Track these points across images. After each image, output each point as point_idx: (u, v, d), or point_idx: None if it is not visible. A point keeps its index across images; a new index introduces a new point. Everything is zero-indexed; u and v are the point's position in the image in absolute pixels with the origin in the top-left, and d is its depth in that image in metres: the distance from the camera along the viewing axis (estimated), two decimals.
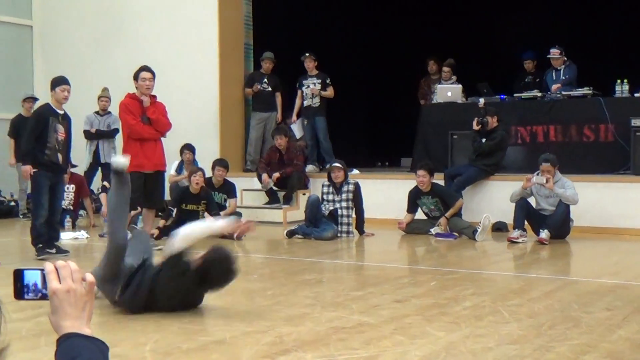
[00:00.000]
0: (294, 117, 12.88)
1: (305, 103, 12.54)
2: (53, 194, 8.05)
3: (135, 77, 8.64)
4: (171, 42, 13.11)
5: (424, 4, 15.33)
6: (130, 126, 8.55)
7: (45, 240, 7.97)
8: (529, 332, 4.59)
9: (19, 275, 1.39)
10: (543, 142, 11.05)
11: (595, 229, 9.75)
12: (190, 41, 13.01)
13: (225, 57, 12.91)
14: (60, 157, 8.04)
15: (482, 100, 11.04)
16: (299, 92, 12.64)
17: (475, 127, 10.56)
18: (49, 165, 7.93)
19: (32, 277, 1.39)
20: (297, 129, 12.86)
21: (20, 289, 1.39)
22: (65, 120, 8.17)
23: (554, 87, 11.38)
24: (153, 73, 8.63)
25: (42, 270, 1.38)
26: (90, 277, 1.42)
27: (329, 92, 12.37)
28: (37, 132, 7.96)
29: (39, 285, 1.39)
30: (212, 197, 10.25)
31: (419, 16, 15.32)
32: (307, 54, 12.47)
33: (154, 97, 8.74)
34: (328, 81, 12.37)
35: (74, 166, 11.63)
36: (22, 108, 12.46)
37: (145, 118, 8.57)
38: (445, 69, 12.91)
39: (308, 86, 12.44)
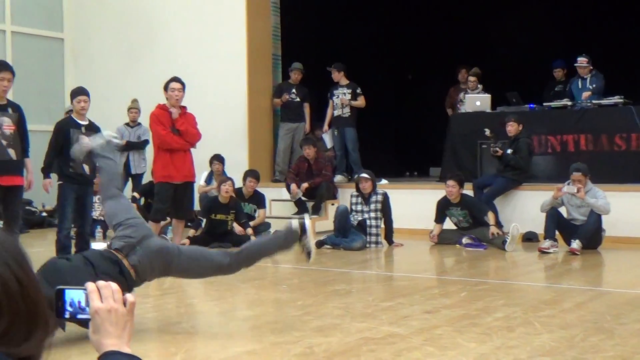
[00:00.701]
0: (325, 127, 12.88)
1: (336, 113, 12.54)
2: (81, 205, 8.05)
3: (165, 88, 8.70)
4: (200, 54, 13.19)
5: (452, 13, 15.30)
6: (160, 137, 8.61)
7: (69, 252, 7.99)
8: (561, 343, 4.54)
9: (59, 294, 1.41)
10: (574, 151, 10.95)
11: (627, 239, 9.64)
12: (219, 52, 13.08)
13: (253, 68, 12.96)
14: (86, 167, 8.04)
15: (487, 131, 11.01)
16: (330, 102, 12.65)
17: (494, 154, 10.53)
18: (74, 177, 7.91)
19: (73, 296, 1.41)
20: (328, 139, 12.87)
21: (61, 308, 1.41)
22: (91, 130, 8.06)
23: (585, 94, 11.28)
24: (183, 84, 8.69)
25: (84, 289, 1.40)
26: (131, 298, 1.44)
27: (360, 101, 12.34)
28: (57, 146, 7.96)
29: (82, 304, 1.40)
30: (240, 207, 10.29)
31: (447, 25, 15.29)
32: (333, 65, 12.48)
33: (184, 108, 8.79)
34: (358, 91, 12.35)
35: None
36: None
37: (175, 129, 8.63)
38: (471, 78, 12.86)
39: (338, 96, 12.44)
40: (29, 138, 7.80)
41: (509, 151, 10.50)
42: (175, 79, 8.70)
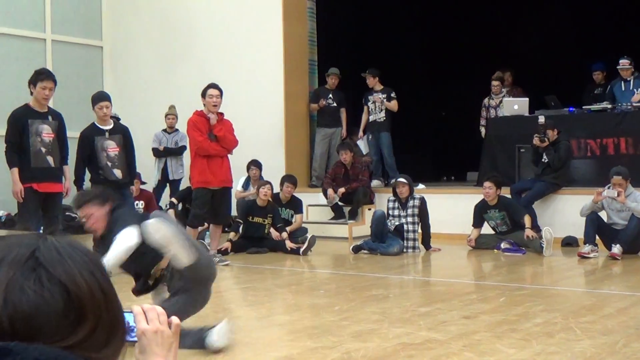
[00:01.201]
0: (360, 132, 12.88)
1: (371, 118, 12.54)
2: None
3: (203, 94, 8.74)
4: (237, 60, 13.26)
5: (489, 17, 15.21)
6: (197, 143, 8.66)
7: None
8: (602, 350, 4.48)
9: None
10: (614, 154, 10.81)
11: None
12: (255, 58, 13.14)
13: (289, 74, 13.00)
14: (118, 172, 8.06)
15: (542, 117, 10.86)
16: (365, 107, 12.64)
17: (540, 143, 10.36)
18: (106, 183, 7.90)
19: None
20: (362, 145, 12.87)
21: None
22: (117, 132, 8.15)
23: (635, 97, 11.11)
24: (220, 90, 8.73)
25: (130, 312, 1.44)
26: (176, 320, 1.48)
27: (392, 104, 12.33)
28: (83, 156, 8.03)
29: (130, 324, 1.44)
30: (278, 211, 10.32)
31: (484, 28, 15.20)
32: (367, 71, 12.48)
33: (222, 114, 8.83)
34: (393, 95, 12.36)
35: (143, 183, 11.85)
36: None
37: (212, 135, 8.67)
38: (495, 82, 12.76)
39: (374, 102, 12.43)
40: (68, 146, 7.90)
41: (545, 155, 10.40)
42: (213, 86, 8.75)
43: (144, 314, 1.44)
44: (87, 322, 1.13)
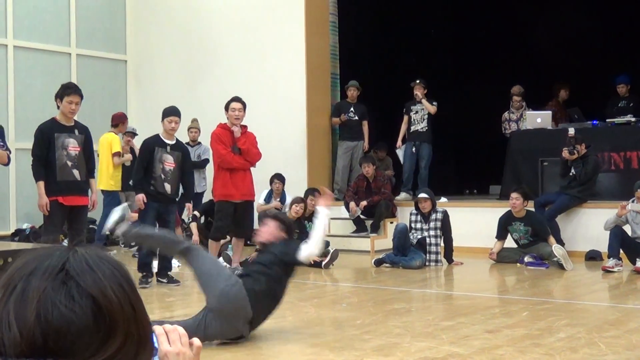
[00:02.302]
0: (399, 142, 12.79)
1: (412, 128, 12.48)
2: (164, 223, 8.21)
3: (226, 107, 8.81)
4: (260, 74, 13.33)
5: (512, 31, 15.18)
6: (221, 156, 8.71)
7: (149, 270, 8.17)
8: None
9: None
10: (638, 168, 10.73)
11: None
12: (278, 72, 13.20)
13: (312, 87, 13.04)
14: (168, 186, 8.19)
15: (572, 130, 10.79)
16: (405, 117, 12.56)
17: (569, 156, 10.28)
18: (155, 195, 8.10)
19: None
20: (401, 154, 12.78)
21: None
22: (178, 150, 8.34)
23: None
24: (243, 103, 8.79)
25: (152, 332, 1.45)
26: (197, 342, 1.48)
27: (433, 107, 12.28)
28: (143, 162, 8.20)
29: (155, 344, 1.44)
30: (305, 229, 10.32)
31: (506, 42, 15.19)
32: (418, 81, 12.42)
33: (245, 127, 8.88)
34: (434, 103, 12.32)
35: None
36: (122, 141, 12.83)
37: (235, 148, 8.72)
38: (516, 98, 12.71)
39: (417, 112, 12.39)
40: (94, 159, 8.00)
41: (573, 168, 10.34)
42: (236, 99, 8.81)
43: (166, 335, 1.44)
44: (117, 336, 1.13)
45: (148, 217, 8.03)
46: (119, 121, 11.87)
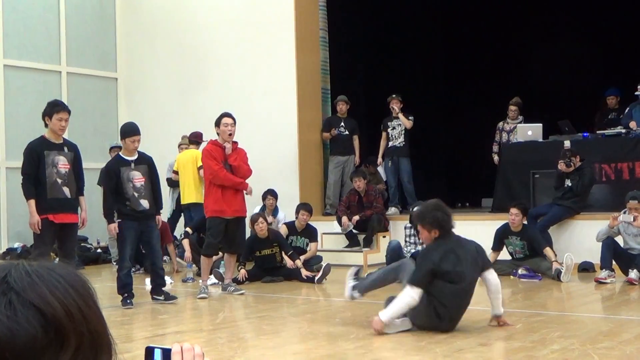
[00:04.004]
0: (379, 159, 12.84)
1: (390, 144, 12.52)
2: (147, 241, 8.13)
3: (217, 123, 8.76)
4: (251, 90, 13.35)
5: (502, 44, 15.26)
6: (213, 172, 8.67)
7: (130, 289, 8.06)
8: None
9: (149, 352, 1.47)
10: (629, 179, 10.76)
11: None
12: (269, 88, 13.22)
13: (303, 102, 13.07)
14: (145, 202, 8.04)
15: (568, 142, 10.82)
16: (384, 134, 12.64)
17: (566, 169, 10.32)
18: (132, 215, 7.97)
19: (160, 356, 1.46)
20: (382, 171, 12.84)
21: None
22: (142, 163, 8.14)
23: None
24: (234, 119, 8.77)
25: (170, 349, 1.45)
26: None
27: (409, 122, 12.33)
28: (111, 188, 8.02)
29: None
30: (281, 237, 10.30)
31: (499, 55, 15.27)
32: (394, 95, 12.47)
33: (236, 143, 8.86)
34: (410, 117, 12.36)
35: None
36: (110, 157, 12.83)
37: (227, 164, 8.69)
38: (512, 107, 12.75)
39: (394, 127, 12.43)
40: (83, 177, 7.94)
41: (567, 180, 10.37)
42: (227, 115, 8.77)
43: (182, 354, 1.44)
44: (69, 343, 1.13)
45: (126, 239, 7.94)
46: (199, 139, 12.14)
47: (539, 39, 15.09)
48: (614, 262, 9.00)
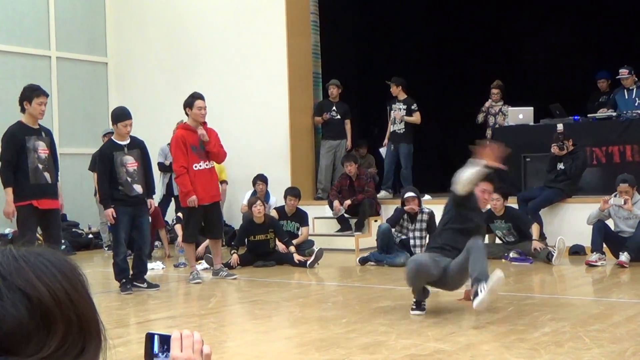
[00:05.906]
0: (385, 140, 12.76)
1: (392, 128, 12.48)
2: (138, 226, 8.01)
3: (190, 105, 8.44)
4: (242, 74, 13.29)
5: (493, 28, 15.23)
6: (175, 170, 8.52)
7: (128, 275, 8.01)
8: (611, 358, 4.46)
9: (149, 338, 1.47)
10: (619, 162, 10.79)
11: None
12: (260, 72, 13.17)
13: (294, 87, 13.02)
14: (138, 187, 7.95)
15: (561, 126, 10.84)
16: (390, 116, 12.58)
17: (559, 152, 10.34)
18: (126, 200, 7.89)
19: (160, 341, 1.47)
20: (384, 153, 12.77)
21: (150, 351, 1.47)
22: (135, 147, 8.04)
23: None
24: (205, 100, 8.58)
25: (169, 336, 1.46)
26: (207, 349, 1.49)
27: (414, 117, 12.23)
28: (106, 172, 7.91)
29: (165, 347, 1.45)
30: (278, 223, 10.30)
31: (489, 38, 15.23)
32: (392, 79, 12.40)
33: (205, 123, 8.55)
34: (414, 107, 12.22)
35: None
36: (103, 143, 12.77)
37: (201, 147, 8.54)
38: (494, 90, 12.73)
39: (395, 110, 12.38)
40: (58, 162, 7.83)
41: (560, 163, 10.40)
42: (200, 96, 8.46)
43: (181, 340, 1.44)
44: (57, 327, 1.13)
45: (121, 224, 7.86)
46: None
47: (530, 23, 15.06)
48: (604, 245, 9.03)
